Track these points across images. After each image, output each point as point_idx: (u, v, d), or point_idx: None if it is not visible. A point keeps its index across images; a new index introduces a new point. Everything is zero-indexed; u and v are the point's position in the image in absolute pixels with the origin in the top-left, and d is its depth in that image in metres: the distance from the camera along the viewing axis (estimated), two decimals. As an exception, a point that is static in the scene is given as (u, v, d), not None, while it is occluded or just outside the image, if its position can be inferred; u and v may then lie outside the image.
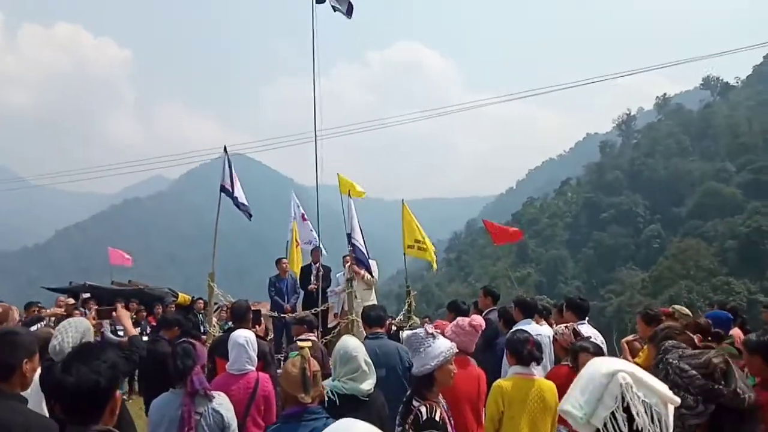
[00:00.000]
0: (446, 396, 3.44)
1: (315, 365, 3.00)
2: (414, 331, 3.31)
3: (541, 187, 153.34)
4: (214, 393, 3.72)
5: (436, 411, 3.09)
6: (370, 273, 9.42)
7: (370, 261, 9.62)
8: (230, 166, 9.56)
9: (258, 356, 4.63)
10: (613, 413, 1.70)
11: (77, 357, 2.07)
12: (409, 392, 3.27)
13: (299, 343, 3.09)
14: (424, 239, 11.01)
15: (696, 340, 3.25)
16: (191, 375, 3.62)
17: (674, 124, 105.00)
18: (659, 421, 1.71)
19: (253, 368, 4.46)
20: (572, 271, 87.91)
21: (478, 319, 4.34)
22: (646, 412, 1.70)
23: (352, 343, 3.60)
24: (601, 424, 1.71)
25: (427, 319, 13.10)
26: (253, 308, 5.89)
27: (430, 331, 3.28)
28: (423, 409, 3.06)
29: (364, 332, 5.01)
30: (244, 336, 4.50)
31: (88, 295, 12.89)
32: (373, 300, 9.46)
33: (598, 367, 1.78)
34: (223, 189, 9.51)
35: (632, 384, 1.71)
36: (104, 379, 1.96)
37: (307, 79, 10.43)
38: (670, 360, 1.91)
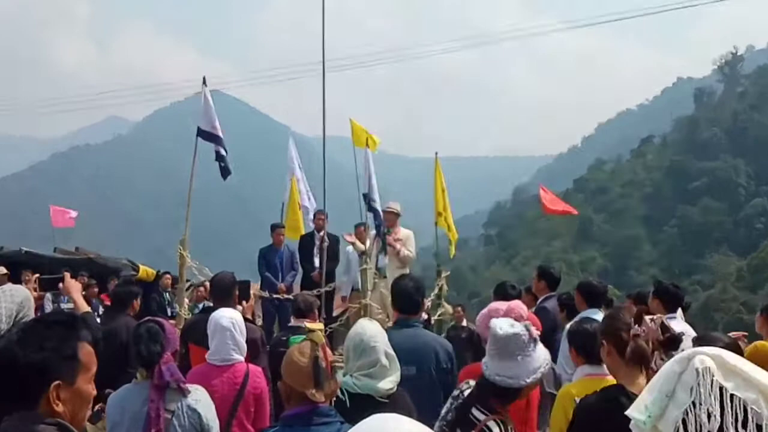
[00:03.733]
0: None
1: (330, 354, 3.01)
2: (516, 330, 3.24)
3: (613, 147, 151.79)
4: (191, 387, 3.76)
5: (510, 430, 3.11)
6: (385, 245, 9.40)
7: (406, 232, 9.64)
8: (209, 104, 9.49)
9: (247, 343, 4.64)
10: (687, 411, 1.58)
11: (23, 328, 2.08)
12: (466, 396, 3.26)
13: (308, 325, 3.07)
14: (446, 210, 10.95)
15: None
16: (159, 364, 3.64)
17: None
18: (757, 426, 1.58)
19: (241, 358, 4.49)
20: (648, 256, 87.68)
21: (516, 309, 4.33)
22: (730, 409, 1.56)
23: (369, 329, 3.62)
24: (672, 428, 1.61)
25: (460, 308, 13.17)
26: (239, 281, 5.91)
27: (534, 333, 3.23)
28: (495, 429, 3.05)
29: (390, 318, 5.02)
30: (229, 317, 4.51)
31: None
32: None
33: (676, 356, 1.70)
34: (201, 133, 9.46)
35: (714, 369, 1.59)
36: (28, 357, 1.95)
37: (308, -1, 10.30)
38: None
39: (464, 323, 12.57)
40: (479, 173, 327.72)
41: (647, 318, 4.89)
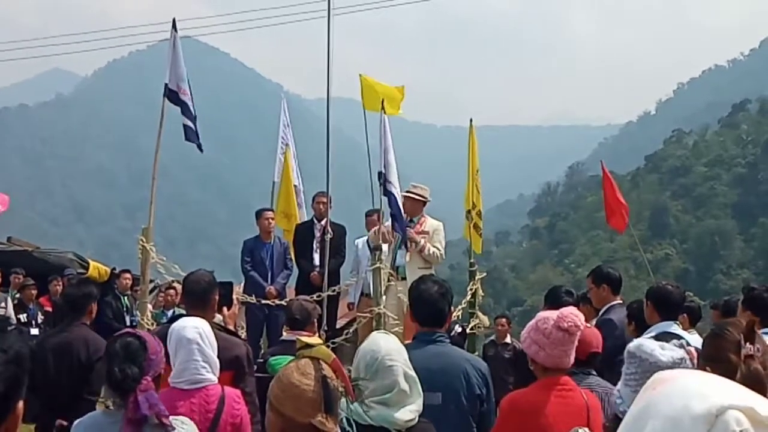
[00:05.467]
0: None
1: (339, 373, 2.97)
2: (681, 354, 3.21)
3: (697, 114, 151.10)
4: (175, 420, 3.69)
5: None
6: (405, 239, 9.45)
7: (434, 223, 9.72)
8: (179, 54, 9.52)
9: (229, 362, 4.70)
10: None
11: None
12: None
13: (304, 339, 3.07)
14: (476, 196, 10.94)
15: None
16: (136, 391, 3.56)
17: None
18: None
19: (214, 378, 4.47)
20: (740, 255, 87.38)
21: (570, 316, 4.33)
22: None
23: (385, 345, 3.62)
24: None
25: (504, 320, 13.22)
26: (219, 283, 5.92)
27: (695, 354, 3.21)
28: None
29: (407, 332, 5.02)
30: (194, 326, 4.50)
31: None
32: None
33: (683, 399, 1.60)
34: (169, 93, 9.48)
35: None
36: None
37: None
38: None
39: (508, 339, 12.59)
40: (524, 147, 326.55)
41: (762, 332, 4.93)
